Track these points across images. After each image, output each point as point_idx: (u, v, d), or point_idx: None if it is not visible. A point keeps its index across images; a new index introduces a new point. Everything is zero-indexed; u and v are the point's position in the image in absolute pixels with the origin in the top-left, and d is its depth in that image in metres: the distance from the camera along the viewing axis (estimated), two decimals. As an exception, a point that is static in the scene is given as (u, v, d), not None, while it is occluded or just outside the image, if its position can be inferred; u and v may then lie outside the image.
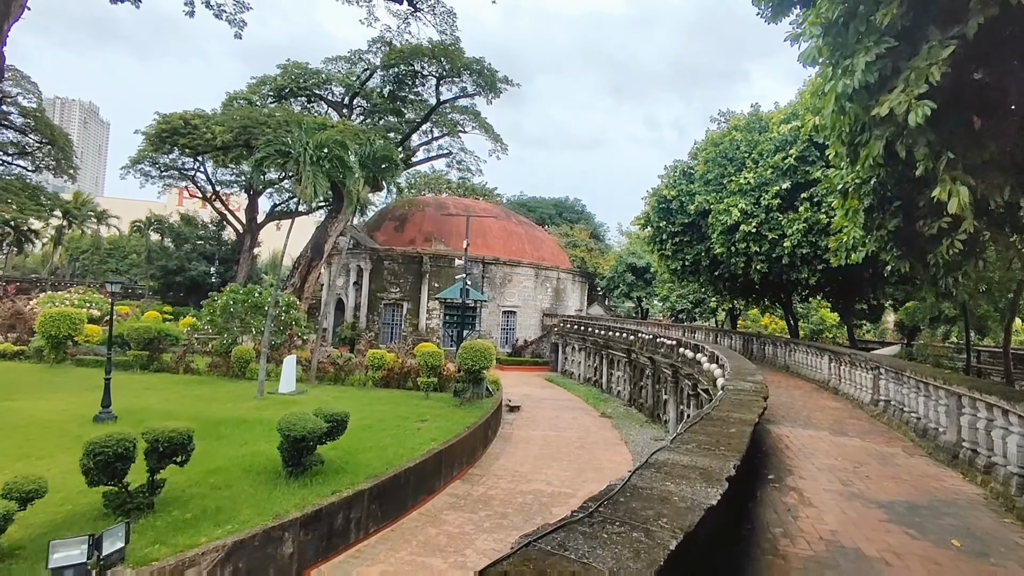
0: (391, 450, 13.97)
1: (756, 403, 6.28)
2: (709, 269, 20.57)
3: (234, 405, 17.96)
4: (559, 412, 26.27)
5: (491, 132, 39.27)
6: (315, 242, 34.46)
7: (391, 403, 19.84)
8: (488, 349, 20.09)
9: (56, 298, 29.30)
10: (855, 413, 11.38)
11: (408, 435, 15.59)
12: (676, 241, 21.13)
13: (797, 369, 17.22)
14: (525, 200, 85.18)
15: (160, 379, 21.78)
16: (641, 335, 27.99)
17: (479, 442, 17.83)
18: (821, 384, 15.11)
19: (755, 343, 21.63)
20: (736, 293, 24.20)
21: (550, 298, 48.17)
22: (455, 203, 48.58)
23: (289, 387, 20.69)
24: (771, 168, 16.06)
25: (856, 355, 12.44)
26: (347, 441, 14.33)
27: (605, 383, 33.09)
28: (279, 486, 10.86)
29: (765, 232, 16.04)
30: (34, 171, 53.07)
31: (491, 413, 19.57)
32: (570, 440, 20.95)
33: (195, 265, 55.27)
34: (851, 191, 6.78)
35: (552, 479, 16.20)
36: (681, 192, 20.63)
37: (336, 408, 12.12)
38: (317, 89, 39.40)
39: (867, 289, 20.33)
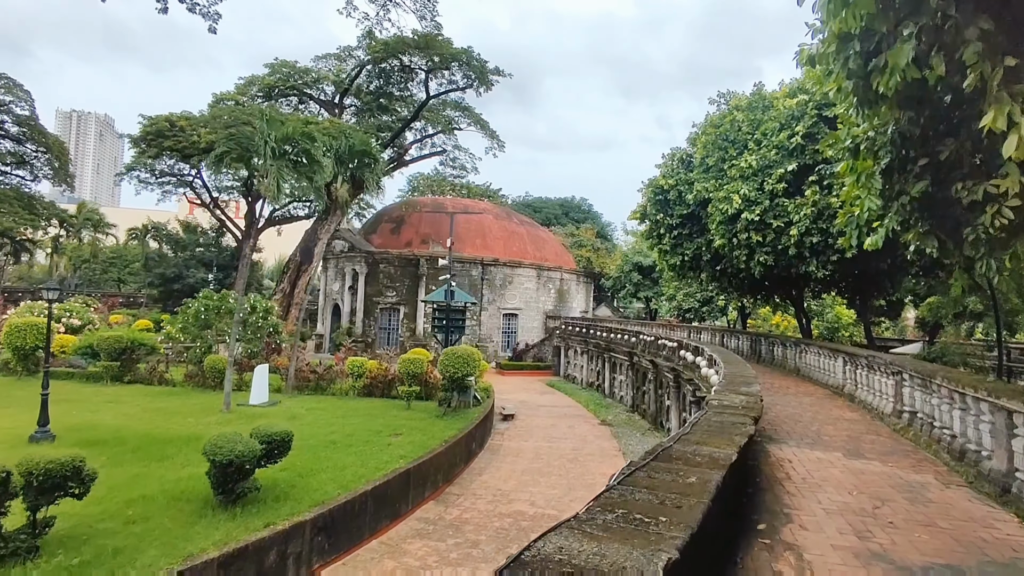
0: (351, 470, 12.53)
1: (740, 428, 4.74)
2: (711, 264, 18.90)
3: (196, 420, 16.65)
4: (556, 420, 24.71)
5: (487, 128, 37.87)
6: (304, 246, 33.27)
7: (368, 415, 18.43)
8: (473, 354, 18.62)
9: (35, 307, 28.30)
10: (874, 426, 9.72)
11: (376, 452, 14.15)
12: (675, 235, 19.46)
13: (808, 373, 15.53)
14: (530, 201, 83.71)
15: (129, 391, 20.57)
16: (643, 337, 26.36)
17: (460, 457, 16.35)
18: (835, 390, 13.42)
19: (763, 344, 19.91)
20: (743, 290, 22.48)
21: (553, 300, 46.62)
22: (453, 203, 47.23)
23: (261, 398, 19.37)
24: (775, 148, 14.39)
25: (874, 357, 10.77)
26: (303, 461, 12.96)
27: (607, 388, 31.46)
28: (205, 518, 9.46)
29: (769, 220, 14.34)
30: (32, 180, 52.69)
31: (476, 424, 18.08)
32: (563, 452, 19.39)
33: (193, 272, 54.44)
34: (863, 148, 5.25)
35: (537, 498, 14.66)
36: (679, 181, 19.00)
37: (280, 426, 10.72)
38: (308, 88, 38.29)
39: (885, 283, 18.57)
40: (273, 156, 16.86)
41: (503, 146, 39.18)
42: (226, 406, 17.82)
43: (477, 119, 37.07)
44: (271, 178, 16.37)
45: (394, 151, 38.33)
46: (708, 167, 16.82)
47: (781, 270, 15.37)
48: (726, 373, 9.24)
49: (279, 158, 17.10)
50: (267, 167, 16.56)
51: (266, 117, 16.63)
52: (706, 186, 16.41)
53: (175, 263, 54.73)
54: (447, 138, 39.25)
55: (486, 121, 37.51)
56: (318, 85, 38.06)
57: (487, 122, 37.51)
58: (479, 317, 41.89)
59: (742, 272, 16.74)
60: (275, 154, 16.82)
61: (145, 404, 18.51)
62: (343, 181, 21.56)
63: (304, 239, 33.45)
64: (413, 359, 19.25)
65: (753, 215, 14.41)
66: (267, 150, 16.27)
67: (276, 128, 16.87)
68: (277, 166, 16.63)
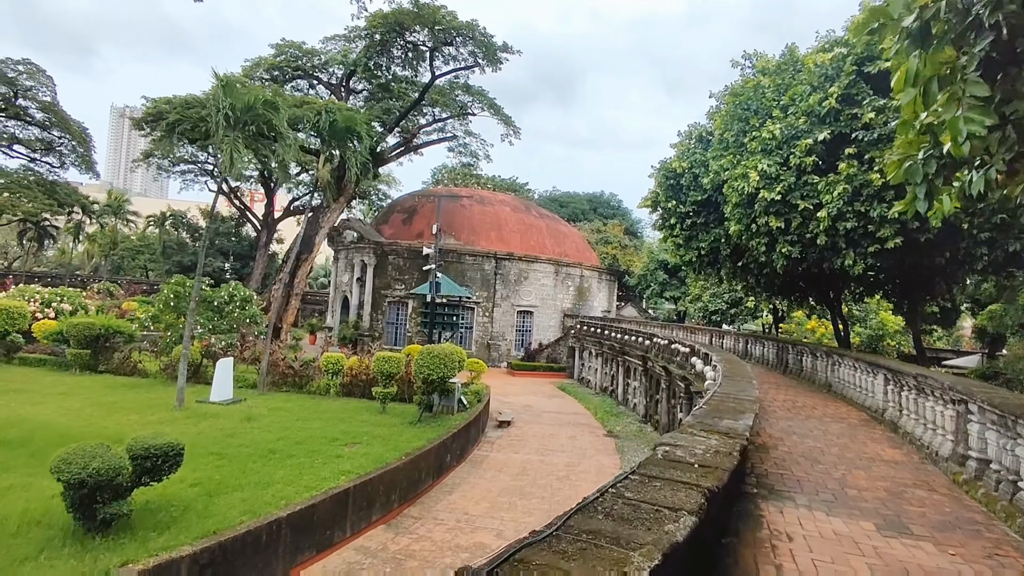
0: (275, 489, 10.56)
1: (666, 525, 2.45)
2: (730, 258, 16.24)
3: (139, 417, 15.01)
4: (557, 429, 22.39)
5: (501, 113, 35.64)
6: (305, 235, 31.72)
7: (334, 418, 16.52)
8: (452, 354, 16.48)
9: (27, 291, 27.50)
10: (924, 474, 7.13)
11: (319, 465, 12.16)
12: (688, 224, 16.84)
13: (842, 390, 12.84)
14: (558, 195, 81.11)
15: (91, 383, 19.18)
16: (657, 340, 23.80)
17: (427, 471, 14.25)
18: (873, 415, 10.75)
19: (791, 353, 17.16)
20: (771, 290, 19.65)
21: (572, 298, 44.13)
22: (469, 194, 45.20)
23: (223, 395, 17.69)
24: (804, 115, 11.69)
25: (926, 377, 8.13)
26: (224, 475, 11.07)
27: (621, 394, 28.93)
28: (52, 551, 7.58)
29: (794, 201, 11.67)
30: (60, 167, 53.02)
31: (453, 433, 15.95)
32: (555, 468, 17.10)
33: (210, 261, 54.00)
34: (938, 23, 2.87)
35: (507, 526, 12.43)
36: (695, 163, 16.40)
37: (169, 436, 8.75)
38: (317, 72, 36.80)
39: (939, 283, 15.60)
40: (228, 126, 15.06)
41: (519, 132, 36.94)
42: (178, 403, 16.16)
43: (490, 103, 34.87)
44: (224, 151, 14.56)
45: (401, 136, 36.47)
46: (727, 143, 14.20)
47: (810, 264, 12.65)
48: (716, 394, 6.84)
49: (235, 129, 15.29)
50: (220, 138, 14.76)
51: (222, 82, 14.83)
52: (722, 164, 13.80)
53: (192, 251, 54.42)
54: (458, 123, 37.20)
55: (500, 105, 35.30)
56: (327, 68, 36.51)
57: (501, 107, 35.30)
58: (491, 314, 39.80)
59: (764, 267, 14.08)
60: (229, 123, 15.00)
61: (97, 397, 17.02)
62: (325, 161, 19.66)
63: (305, 228, 31.93)
64: (388, 357, 17.23)
65: (773, 194, 11.71)
66: (219, 118, 14.47)
67: (233, 95, 15.06)
68: (232, 138, 14.81)
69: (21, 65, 46.62)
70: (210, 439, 13.40)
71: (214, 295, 20.92)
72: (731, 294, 33.93)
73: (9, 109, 47.32)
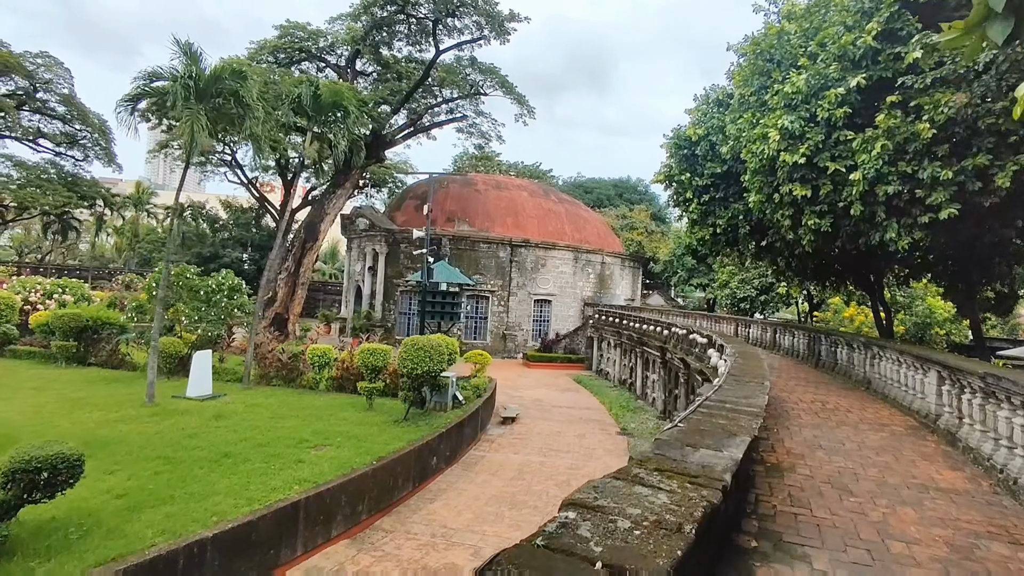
0: (213, 501, 9.22)
1: None
2: (751, 236, 14.19)
3: (103, 415, 13.95)
4: (566, 426, 20.75)
5: (513, 92, 33.76)
6: (309, 221, 30.61)
7: (312, 415, 15.20)
8: (440, 346, 14.96)
9: (28, 283, 27.10)
10: (1001, 514, 5.24)
11: (274, 472, 10.81)
12: (705, 199, 14.80)
13: (883, 388, 10.82)
14: (582, 181, 78.84)
15: (71, 376, 18.35)
16: (675, 330, 21.87)
17: (406, 477, 12.80)
18: (922, 421, 8.77)
19: (824, 343, 15.06)
20: (803, 273, 17.48)
21: (593, 285, 42.20)
22: (484, 180, 43.58)
23: (201, 390, 16.57)
24: (835, 60, 9.60)
25: (999, 379, 6.18)
26: (159, 484, 9.78)
27: (639, 387, 27.07)
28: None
29: (823, 163, 9.61)
30: (84, 160, 53.29)
31: (440, 434, 14.46)
32: (555, 471, 15.49)
33: (229, 252, 53.78)
34: None
35: (488, 543, 10.88)
36: (712, 129, 14.37)
37: (63, 445, 7.44)
38: (325, 54, 35.53)
39: (998, 264, 13.33)
40: (191, 98, 13.73)
41: (533, 112, 35.01)
42: (149, 398, 15.08)
43: (502, 81, 33.02)
44: (185, 125, 13.24)
45: (409, 117, 34.96)
46: (746, 102, 12.18)
47: (844, 240, 10.58)
48: (708, 402, 5.11)
49: (201, 102, 13.96)
50: (181, 111, 13.44)
51: (186, 51, 13.50)
52: (739, 126, 11.79)
53: (211, 242, 54.25)
54: (468, 104, 35.48)
55: (512, 83, 33.39)
56: (334, 50, 35.20)
57: (513, 84, 33.38)
58: (507, 303, 38.22)
59: (791, 246, 12.05)
60: (189, 95, 13.66)
61: (69, 392, 16.09)
62: (312, 139, 18.28)
63: (309, 214, 30.83)
64: (374, 350, 15.81)
65: (796, 156, 9.66)
66: (178, 88, 13.15)
67: (197, 64, 13.72)
68: (195, 111, 13.49)
69: (39, 58, 46.74)
70: (165, 440, 12.22)
71: (201, 284, 19.87)
72: (761, 280, 31.53)
73: (30, 103, 47.63)
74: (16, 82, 48.48)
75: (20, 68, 45.50)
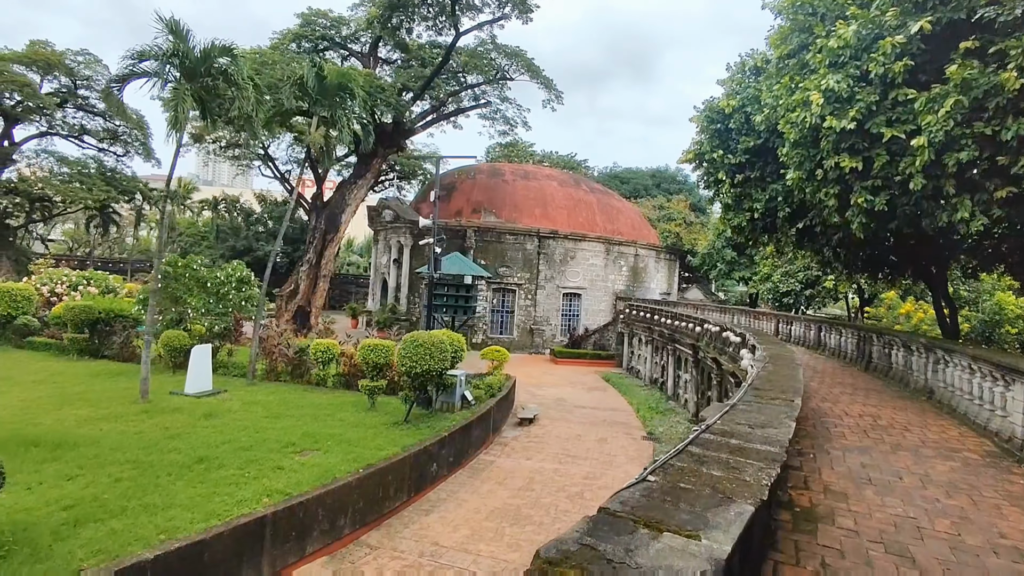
0: (168, 515, 8.30)
1: None
2: (790, 221, 12.35)
3: (90, 412, 13.36)
4: (588, 429, 19.37)
5: (540, 76, 32.23)
6: (330, 212, 29.96)
7: (309, 415, 14.29)
8: (443, 343, 13.81)
9: (55, 274, 27.33)
10: None
11: (247, 481, 9.85)
12: (739, 180, 13.02)
13: (950, 399, 9.07)
14: (618, 172, 76.53)
15: (80, 369, 18.05)
16: (708, 327, 20.16)
17: (400, 486, 11.72)
18: (1004, 446, 7.07)
19: (876, 344, 13.16)
20: (852, 264, 15.51)
21: (626, 279, 40.45)
22: (513, 169, 42.25)
23: (201, 385, 15.91)
24: (892, 3, 7.85)
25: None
26: (117, 493, 8.94)
27: (671, 387, 25.39)
28: None
29: (877, 129, 7.85)
30: (125, 155, 54.52)
31: (442, 438, 13.33)
32: (570, 481, 14.17)
33: (262, 245, 54.17)
34: None
35: (481, 565, 9.70)
36: (746, 99, 12.64)
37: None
38: (349, 42, 34.82)
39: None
40: (181, 78, 12.93)
41: (561, 97, 33.41)
42: (142, 394, 14.46)
43: (528, 64, 31.54)
44: (170, 104, 12.45)
45: (431, 103, 33.88)
46: (785, 67, 10.44)
47: (902, 223, 8.78)
48: (701, 438, 3.67)
49: (190, 81, 13.14)
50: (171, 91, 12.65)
51: (171, 28, 12.68)
52: (776, 93, 10.07)
53: (245, 236, 54.77)
54: (492, 90, 34.13)
55: (539, 67, 31.83)
56: (358, 38, 34.44)
57: (540, 68, 31.80)
58: (534, 297, 36.88)
59: (836, 231, 10.27)
60: (188, 74, 12.85)
61: (69, 387, 15.66)
62: (318, 124, 17.36)
63: (330, 205, 30.19)
64: (375, 346, 14.78)
65: (845, 122, 7.95)
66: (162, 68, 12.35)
67: (184, 42, 12.88)
68: (181, 90, 12.67)
69: (80, 56, 47.82)
70: (144, 441, 11.46)
71: (208, 276, 19.29)
72: (805, 273, 29.21)
73: (72, 100, 48.82)
74: (59, 80, 49.71)
75: (62, 66, 46.64)
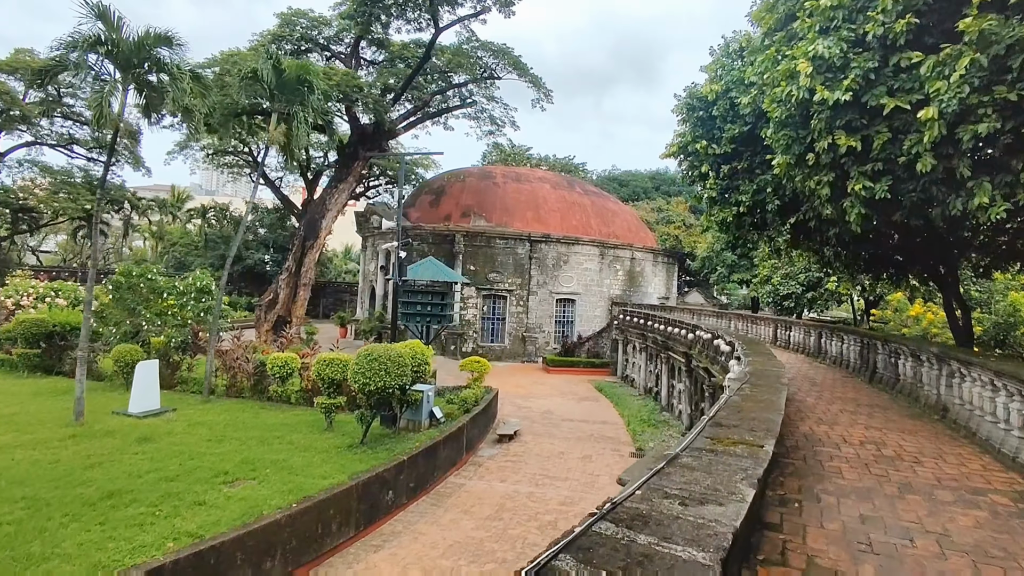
0: (44, 568, 7.04)
1: None
2: (780, 215, 11.03)
3: (15, 437, 12.13)
4: (572, 445, 18.03)
5: (528, 74, 31.09)
6: (309, 218, 28.83)
7: (256, 437, 13.02)
8: (403, 357, 12.53)
9: (22, 285, 26.24)
10: None
11: (159, 520, 8.59)
12: (725, 172, 11.73)
13: (967, 420, 7.72)
14: (617, 174, 75.26)
15: (23, 387, 16.83)
16: (700, 334, 18.82)
17: (345, 520, 10.42)
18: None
19: (880, 352, 11.79)
20: (853, 264, 14.13)
21: (622, 283, 39.10)
22: (503, 172, 41.06)
23: (147, 404, 14.67)
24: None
25: None
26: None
27: (665, 398, 24.00)
28: None
29: (877, 100, 6.55)
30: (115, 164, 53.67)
31: (398, 463, 12.02)
32: (544, 507, 12.82)
33: (251, 254, 53.17)
34: None
35: (425, 617, 8.38)
36: (731, 83, 11.39)
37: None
38: (332, 44, 33.82)
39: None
40: (118, 68, 11.79)
41: (550, 95, 32.23)
42: (76, 416, 13.22)
43: (515, 62, 30.40)
44: (93, 100, 11.31)
45: (414, 103, 32.78)
46: (771, 38, 9.17)
47: (909, 212, 7.48)
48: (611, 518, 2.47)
49: (125, 72, 12.01)
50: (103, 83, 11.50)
51: (99, 14, 11.55)
52: (761, 67, 8.80)
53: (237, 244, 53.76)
54: (479, 88, 32.99)
55: (527, 65, 30.74)
56: (341, 39, 33.44)
57: (527, 66, 30.72)
58: (526, 303, 35.58)
59: (833, 227, 8.95)
60: (121, 65, 11.72)
61: (1, 408, 14.45)
62: (279, 121, 16.21)
63: (310, 211, 29.06)
64: (331, 360, 13.50)
65: (839, 93, 6.68)
66: (81, 55, 11.22)
67: (111, 28, 11.73)
68: (111, 83, 11.53)
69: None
70: (57, 472, 10.20)
71: (166, 286, 18.12)
72: (807, 275, 27.82)
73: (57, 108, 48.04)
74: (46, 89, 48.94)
75: (46, 74, 45.83)
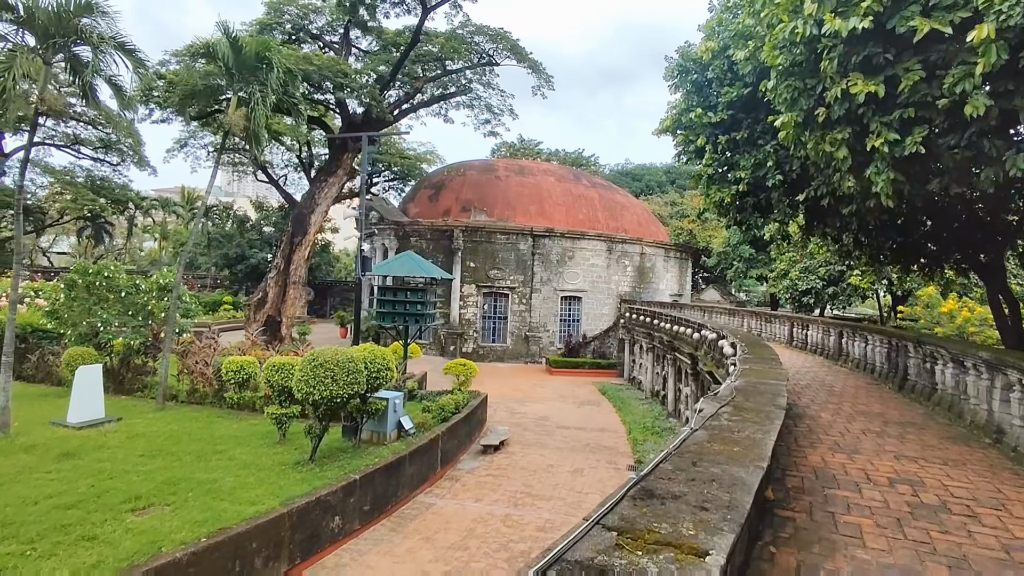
0: None
1: None
2: (786, 191, 9.17)
3: (-74, 452, 10.91)
4: (565, 456, 16.39)
5: (528, 59, 29.38)
6: (297, 213, 27.55)
7: (196, 451, 11.62)
8: (355, 362, 11.01)
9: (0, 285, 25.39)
10: None
11: (30, 562, 7.17)
12: (723, 143, 9.92)
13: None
14: (630, 168, 73.27)
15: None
16: (706, 334, 17.04)
17: (275, 554, 8.92)
18: None
19: (911, 356, 9.91)
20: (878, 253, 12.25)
21: (631, 280, 37.23)
22: (506, 165, 39.45)
23: (89, 413, 13.38)
24: None
25: None
26: None
27: (671, 402, 22.19)
28: None
29: (905, 26, 4.77)
30: (120, 164, 53.31)
31: (348, 483, 10.50)
32: (519, 533, 11.20)
33: (255, 252, 52.30)
34: None
35: None
36: (728, 40, 9.62)
37: None
38: (325, 33, 32.54)
39: None
40: (37, 39, 10.49)
41: (551, 81, 30.53)
42: (1, 427, 11.95)
43: (513, 46, 28.68)
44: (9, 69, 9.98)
45: (405, 91, 31.32)
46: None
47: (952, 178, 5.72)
48: None
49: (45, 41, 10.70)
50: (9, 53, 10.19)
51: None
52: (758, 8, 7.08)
53: (238, 243, 52.94)
54: (474, 75, 31.40)
55: (525, 49, 29.06)
56: (334, 29, 32.14)
57: (526, 51, 29.05)
58: (529, 301, 33.94)
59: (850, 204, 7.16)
60: (36, 36, 10.41)
61: (-66, 417, 13.27)
62: (238, 104, 14.84)
63: (298, 206, 27.80)
64: (280, 365, 12.02)
65: (856, 20, 4.86)
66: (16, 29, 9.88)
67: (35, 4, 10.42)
68: (21, 53, 10.22)
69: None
70: (-57, 498, 8.90)
71: (125, 284, 16.88)
72: (827, 268, 25.72)
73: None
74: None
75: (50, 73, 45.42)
